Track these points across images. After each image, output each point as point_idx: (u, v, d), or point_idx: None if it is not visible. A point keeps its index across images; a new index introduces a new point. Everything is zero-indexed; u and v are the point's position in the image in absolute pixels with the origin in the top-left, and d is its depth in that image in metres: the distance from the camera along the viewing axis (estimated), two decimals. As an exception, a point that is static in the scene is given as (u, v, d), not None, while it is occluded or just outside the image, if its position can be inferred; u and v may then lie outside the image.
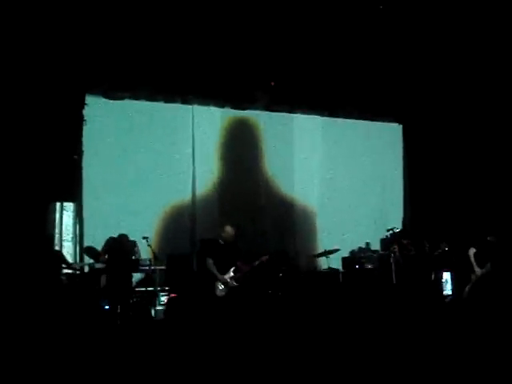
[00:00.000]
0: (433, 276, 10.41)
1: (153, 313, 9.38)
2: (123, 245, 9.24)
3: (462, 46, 10.70)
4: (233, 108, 11.91)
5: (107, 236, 9.36)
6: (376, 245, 11.92)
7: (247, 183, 11.90)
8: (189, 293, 9.51)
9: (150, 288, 9.68)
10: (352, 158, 12.76)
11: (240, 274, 9.01)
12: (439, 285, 10.63)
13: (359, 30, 10.28)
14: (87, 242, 10.10)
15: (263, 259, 9.27)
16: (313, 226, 12.37)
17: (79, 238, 10.40)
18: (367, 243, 11.87)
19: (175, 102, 11.45)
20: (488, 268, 9.49)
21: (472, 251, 9.72)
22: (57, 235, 10.17)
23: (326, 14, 9.84)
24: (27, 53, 9.24)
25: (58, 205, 10.31)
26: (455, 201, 12.11)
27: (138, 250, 9.64)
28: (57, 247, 9.96)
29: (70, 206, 10.46)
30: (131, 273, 9.31)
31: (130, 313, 8.91)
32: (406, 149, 13.27)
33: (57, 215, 10.28)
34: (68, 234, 10.39)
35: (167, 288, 9.87)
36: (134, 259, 9.48)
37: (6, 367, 5.33)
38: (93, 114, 10.44)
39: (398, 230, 11.19)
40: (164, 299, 9.63)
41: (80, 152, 10.34)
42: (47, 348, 6.22)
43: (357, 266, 11.16)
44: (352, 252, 11.74)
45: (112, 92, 10.72)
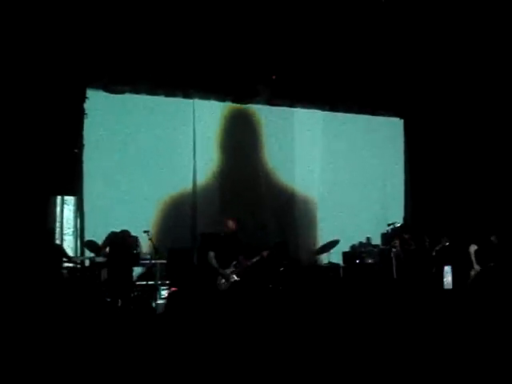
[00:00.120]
0: (434, 270, 10.42)
1: (153, 306, 9.39)
2: (124, 239, 9.24)
3: (463, 41, 10.68)
4: (233, 102, 11.89)
5: (108, 230, 9.36)
6: (377, 239, 11.93)
7: (248, 174, 11.89)
8: (190, 287, 9.51)
9: (151, 282, 9.69)
10: (353, 153, 12.75)
11: (241, 268, 9.01)
12: (440, 279, 10.64)
13: (360, 24, 10.24)
14: (88, 236, 10.11)
15: (264, 254, 9.27)
16: (313, 219, 12.36)
17: (80, 232, 10.42)
18: (368, 238, 11.88)
19: (176, 96, 11.44)
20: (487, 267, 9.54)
21: (473, 248, 9.74)
22: (57, 229, 10.18)
23: (327, 8, 9.81)
24: (28, 47, 9.22)
25: (59, 198, 10.31)
26: (456, 195, 12.11)
27: (140, 246, 9.66)
28: (57, 241, 9.97)
29: (71, 200, 10.46)
30: (132, 267, 9.32)
31: (131, 307, 8.92)
32: (407, 143, 13.26)
33: (57, 209, 10.29)
34: (69, 228, 10.40)
35: (168, 282, 9.88)
36: (135, 253, 9.49)
37: (8, 362, 5.33)
38: (93, 108, 10.42)
39: (399, 225, 11.21)
40: (165, 293, 9.64)
41: (81, 146, 10.33)
42: (49, 342, 6.22)
43: (357, 261, 11.18)
44: (353, 247, 11.75)
45: (113, 86, 10.69)
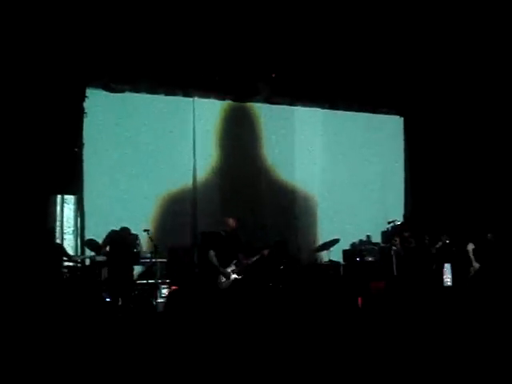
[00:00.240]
0: (434, 268, 10.43)
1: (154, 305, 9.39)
2: (124, 237, 9.23)
3: (464, 39, 10.66)
4: (233, 100, 11.89)
5: (108, 229, 9.35)
6: (377, 237, 11.93)
7: (248, 172, 11.87)
8: (190, 285, 9.51)
9: (151, 281, 9.69)
10: (353, 151, 12.73)
11: (241, 267, 9.01)
12: (440, 277, 10.64)
13: (360, 22, 10.23)
14: (88, 235, 10.10)
15: (264, 253, 9.27)
16: (314, 216, 12.35)
17: (80, 231, 10.41)
18: (368, 236, 11.89)
19: (176, 95, 11.42)
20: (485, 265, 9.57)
21: (470, 247, 9.78)
22: (58, 228, 10.17)
23: (327, 6, 9.80)
24: (28, 46, 9.22)
25: (59, 198, 10.31)
26: (456, 193, 12.10)
27: (140, 243, 9.64)
28: (58, 240, 9.95)
29: (71, 199, 10.46)
30: (132, 265, 9.32)
31: (132, 305, 8.92)
32: (407, 141, 13.25)
33: (57, 208, 10.28)
34: (69, 227, 10.39)
35: (168, 281, 9.88)
36: (135, 252, 9.48)
37: (9, 361, 5.34)
38: (93, 107, 10.42)
39: (399, 223, 11.21)
40: (165, 292, 9.64)
41: (81, 145, 10.33)
42: (50, 341, 6.22)
43: (358, 259, 11.18)
44: (353, 245, 11.76)
45: (112, 85, 10.69)
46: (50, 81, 9.66)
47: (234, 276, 8.89)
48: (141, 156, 10.98)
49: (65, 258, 9.23)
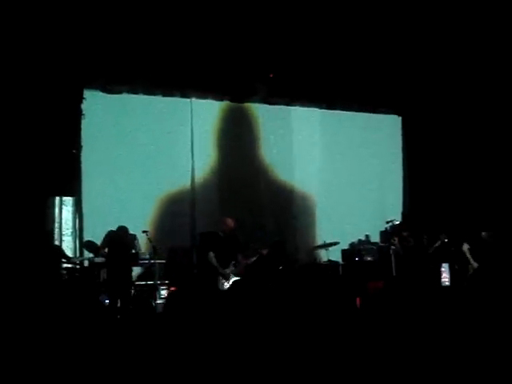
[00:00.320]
0: (432, 267, 10.43)
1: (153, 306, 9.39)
2: (123, 238, 9.21)
3: (462, 39, 10.66)
4: (231, 101, 11.89)
5: (107, 230, 9.33)
6: (375, 237, 11.94)
7: (246, 172, 11.86)
8: (189, 286, 9.50)
9: (150, 282, 9.69)
10: (351, 151, 12.71)
11: (240, 268, 9.02)
12: (438, 276, 10.65)
13: (358, 22, 10.23)
14: (87, 237, 10.09)
15: (263, 253, 9.27)
16: (312, 216, 12.35)
17: (79, 233, 10.41)
18: (367, 235, 11.90)
19: (174, 96, 11.42)
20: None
21: (466, 247, 9.79)
22: (56, 230, 10.18)
23: (324, 6, 9.80)
24: (25, 48, 9.21)
25: (57, 199, 10.32)
26: (454, 193, 12.10)
27: (138, 244, 9.62)
28: (56, 242, 9.96)
29: (69, 201, 10.46)
30: (131, 267, 9.31)
31: (131, 307, 8.92)
32: (406, 140, 13.25)
33: (56, 210, 10.29)
34: (67, 229, 10.40)
35: (167, 282, 9.88)
36: (134, 253, 9.47)
37: (6, 363, 5.33)
38: (91, 108, 10.42)
39: (398, 223, 11.22)
40: (164, 293, 9.63)
41: (79, 146, 10.33)
42: (48, 343, 6.21)
43: (356, 259, 11.20)
44: (352, 244, 11.77)
45: (110, 86, 10.70)
46: (48, 82, 9.64)
47: (233, 277, 8.89)
48: (139, 157, 10.97)
49: (63, 260, 9.23)
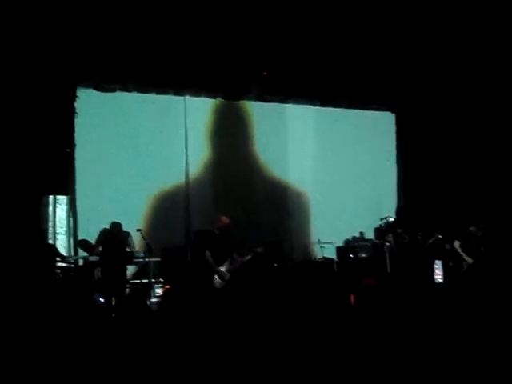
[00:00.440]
0: (426, 264, 10.46)
1: (148, 305, 9.38)
2: (117, 236, 9.15)
3: (455, 35, 10.68)
4: (225, 99, 11.88)
5: (101, 228, 9.28)
6: (370, 234, 11.96)
7: (240, 169, 11.86)
8: (184, 284, 9.50)
9: (145, 280, 9.68)
10: (345, 148, 12.73)
11: (235, 266, 9.01)
12: (432, 272, 10.68)
13: (351, 19, 10.23)
14: (81, 235, 10.08)
15: (258, 251, 9.26)
16: (307, 214, 12.35)
17: (73, 231, 10.39)
18: (361, 232, 11.92)
19: (167, 94, 11.40)
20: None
21: (457, 244, 9.81)
22: (50, 229, 10.16)
23: (317, 4, 9.80)
24: (18, 47, 9.17)
25: (51, 198, 10.29)
26: (448, 189, 12.12)
27: (132, 242, 9.57)
28: (50, 241, 9.94)
29: (63, 199, 10.43)
30: (125, 265, 9.28)
31: (125, 305, 8.90)
32: (399, 137, 13.27)
33: (50, 208, 10.26)
34: (61, 228, 10.37)
35: (162, 280, 9.87)
36: (129, 251, 9.44)
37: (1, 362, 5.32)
38: (84, 107, 10.39)
39: (392, 219, 11.24)
40: (159, 291, 9.63)
41: (72, 145, 10.31)
42: (43, 342, 6.20)
43: (351, 255, 11.21)
44: (346, 241, 11.79)
45: (103, 84, 10.67)
46: (41, 81, 9.62)
47: (228, 275, 8.88)
48: (133, 155, 10.96)
49: (58, 259, 9.21)
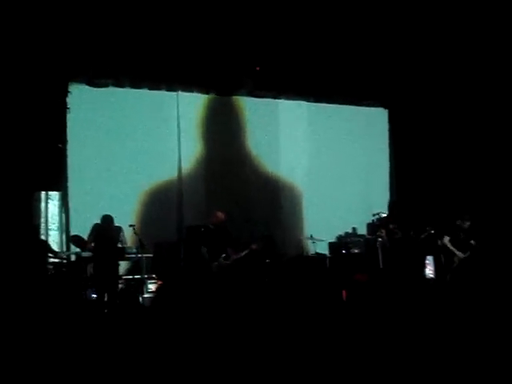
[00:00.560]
0: (418, 259, 10.50)
1: (140, 301, 9.38)
2: (109, 231, 9.11)
3: (448, 31, 10.69)
4: (217, 94, 11.86)
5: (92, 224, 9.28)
6: (362, 229, 11.99)
7: (232, 164, 11.84)
8: (177, 280, 9.50)
9: (137, 276, 9.67)
10: (338, 143, 12.73)
11: (230, 262, 9.02)
12: (424, 268, 10.71)
13: (344, 15, 10.23)
14: (73, 231, 10.04)
15: (253, 247, 9.27)
16: (299, 208, 12.36)
17: (65, 227, 10.37)
18: (354, 228, 11.95)
19: (160, 89, 11.37)
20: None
21: (447, 239, 9.85)
22: (42, 224, 10.14)
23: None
24: (9, 42, 9.13)
25: (43, 194, 10.27)
26: (441, 185, 12.16)
27: (124, 237, 9.53)
28: (43, 237, 9.91)
29: (56, 195, 10.41)
30: (118, 261, 9.26)
31: (118, 301, 8.90)
32: (392, 133, 13.29)
33: (42, 204, 10.25)
34: (54, 223, 10.36)
35: (154, 276, 9.86)
36: (121, 247, 9.42)
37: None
38: (76, 102, 10.36)
39: (385, 215, 11.27)
40: (151, 287, 9.62)
41: (64, 140, 10.29)
42: (35, 338, 6.20)
43: (344, 251, 11.24)
44: (339, 237, 11.81)
45: (95, 80, 10.63)
46: (33, 76, 9.58)
47: (223, 270, 8.88)
48: (125, 150, 10.93)
49: (50, 255, 9.19)
